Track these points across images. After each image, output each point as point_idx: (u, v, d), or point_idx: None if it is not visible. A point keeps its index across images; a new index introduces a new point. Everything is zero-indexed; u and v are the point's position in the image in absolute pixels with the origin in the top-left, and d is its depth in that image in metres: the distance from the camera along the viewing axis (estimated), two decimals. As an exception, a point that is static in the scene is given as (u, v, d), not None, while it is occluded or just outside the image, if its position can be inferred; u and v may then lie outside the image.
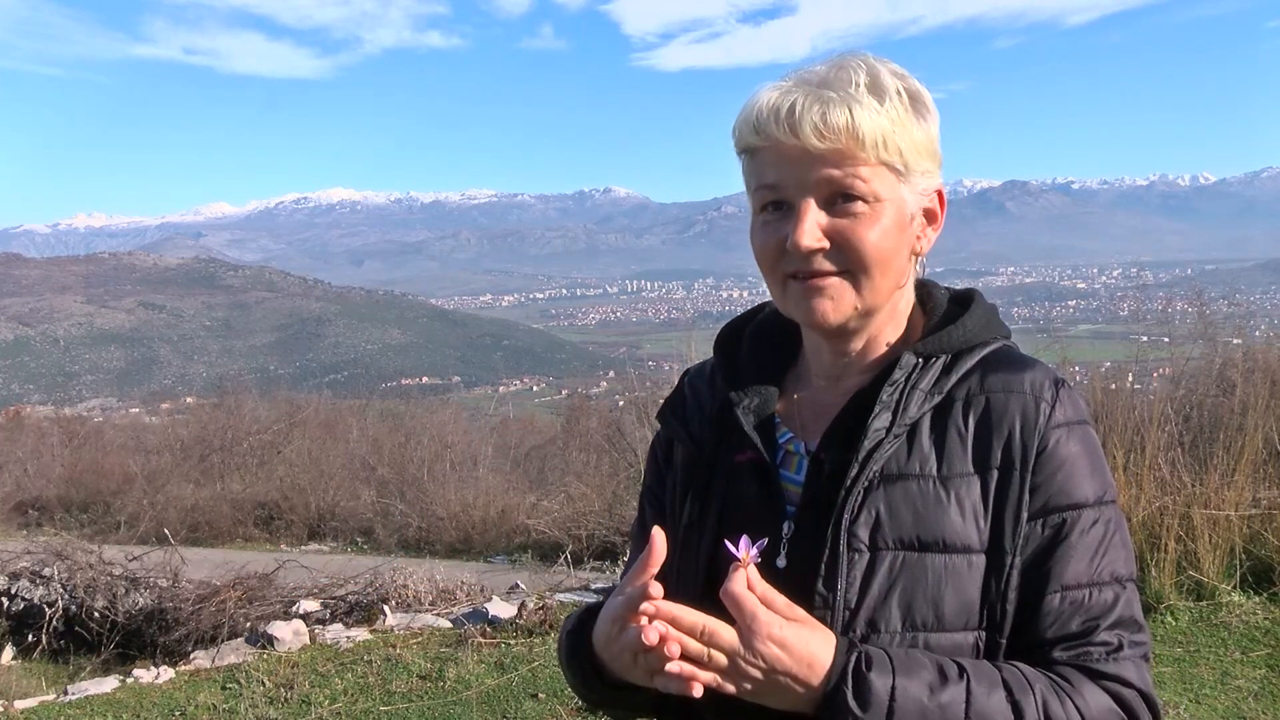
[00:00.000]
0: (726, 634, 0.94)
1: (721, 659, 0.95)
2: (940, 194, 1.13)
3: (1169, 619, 4.68)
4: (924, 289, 1.20)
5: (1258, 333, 8.56)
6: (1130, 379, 7.17)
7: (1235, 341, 7.56)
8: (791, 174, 1.06)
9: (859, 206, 1.05)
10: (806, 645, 0.95)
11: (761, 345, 1.25)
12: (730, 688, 0.96)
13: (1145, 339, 7.82)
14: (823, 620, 1.01)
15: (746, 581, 0.96)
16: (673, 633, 0.94)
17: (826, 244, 1.06)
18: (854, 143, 1.03)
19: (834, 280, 1.07)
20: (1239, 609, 4.68)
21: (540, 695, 4.60)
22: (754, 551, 0.97)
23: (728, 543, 0.98)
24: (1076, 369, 7.61)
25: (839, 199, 1.05)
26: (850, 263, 1.06)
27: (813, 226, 1.05)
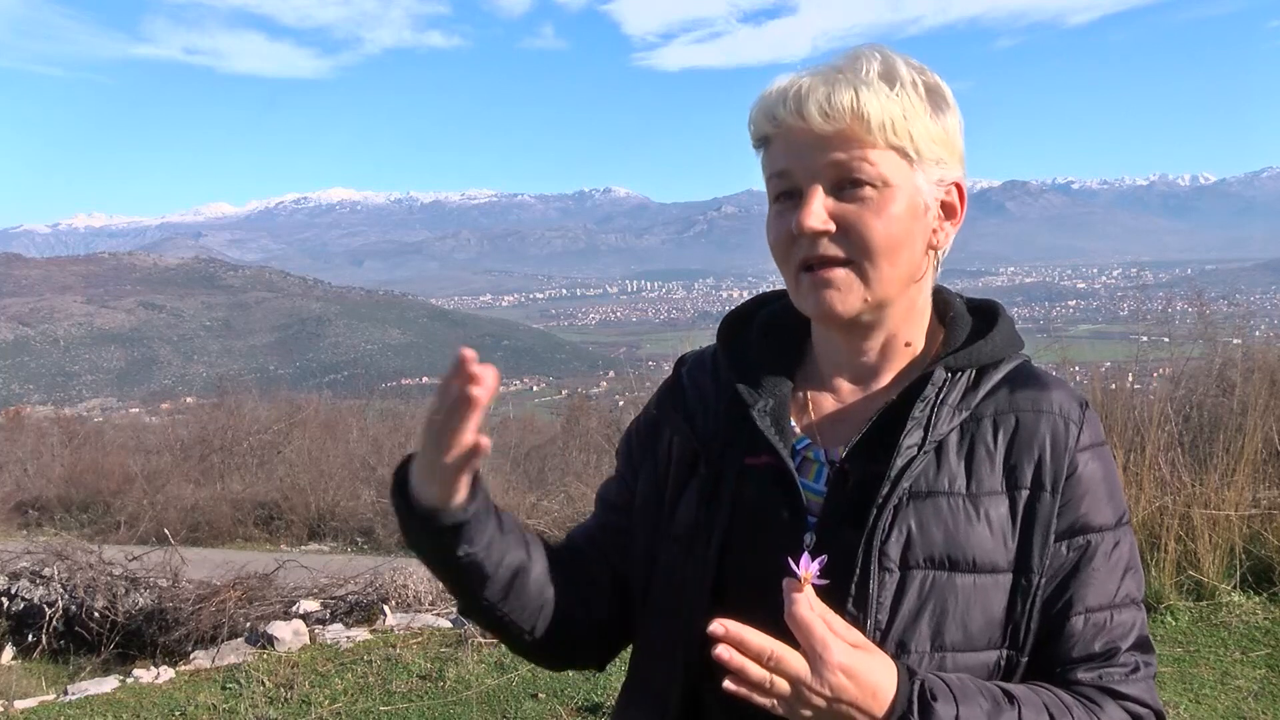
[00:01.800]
0: (794, 661, 0.90)
1: (784, 686, 0.91)
2: (960, 187, 1.10)
3: (1169, 619, 4.68)
4: (939, 295, 1.17)
5: (1258, 333, 8.56)
6: (1130, 379, 7.16)
7: (1235, 341, 7.55)
8: (799, 160, 1.04)
9: (867, 191, 1.03)
10: (872, 674, 0.92)
11: (772, 341, 1.19)
12: (782, 711, 0.92)
13: (1145, 339, 7.80)
14: None
15: (809, 604, 0.92)
16: (738, 657, 0.90)
17: (832, 227, 1.03)
18: (859, 124, 1.01)
19: (841, 271, 1.04)
20: (1239, 609, 4.68)
21: (540, 695, 4.60)
22: (815, 568, 0.92)
23: (789, 560, 0.93)
24: (1076, 369, 7.61)
25: (848, 184, 1.03)
26: (857, 249, 1.03)
27: (819, 209, 1.03)
